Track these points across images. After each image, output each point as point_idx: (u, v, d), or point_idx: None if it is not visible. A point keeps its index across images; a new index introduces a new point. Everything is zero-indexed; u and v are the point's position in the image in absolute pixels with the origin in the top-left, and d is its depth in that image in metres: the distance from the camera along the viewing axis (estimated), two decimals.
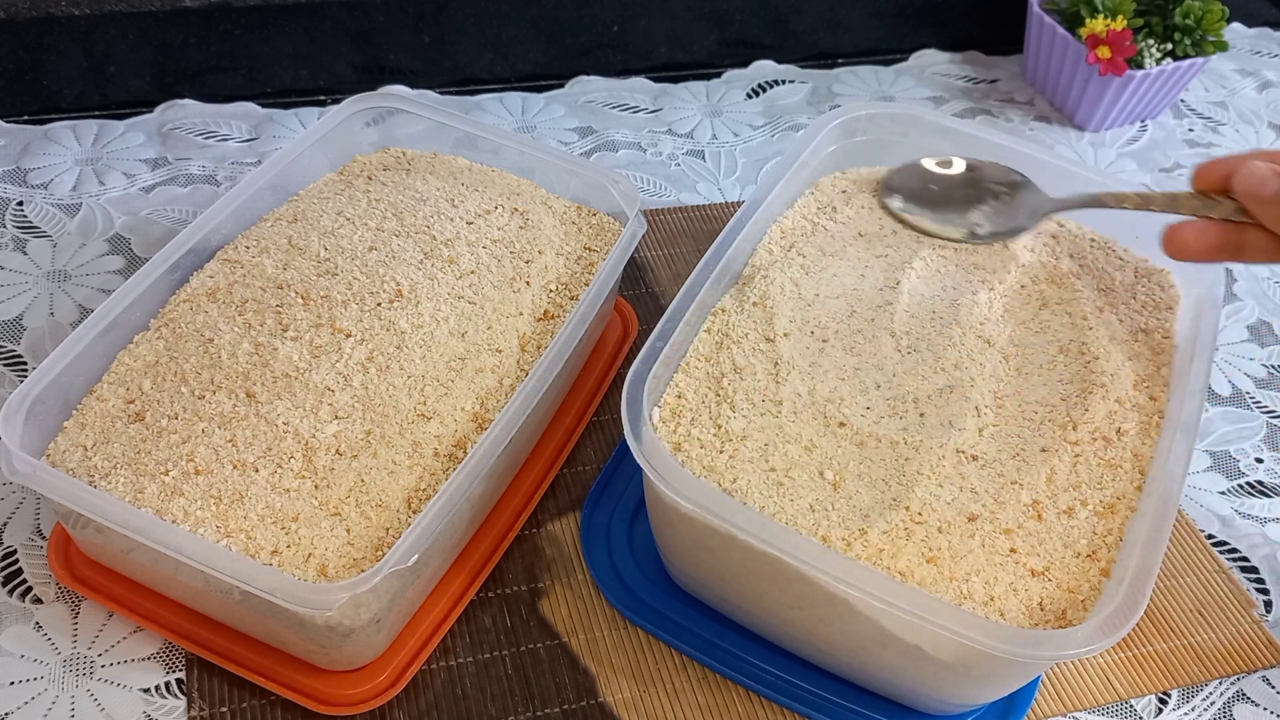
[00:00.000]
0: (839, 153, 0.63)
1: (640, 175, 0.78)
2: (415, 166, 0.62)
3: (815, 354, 0.52)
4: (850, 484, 0.46)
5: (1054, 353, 0.53)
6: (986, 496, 0.47)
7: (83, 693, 0.48)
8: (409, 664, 0.49)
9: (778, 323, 0.52)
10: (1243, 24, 1.03)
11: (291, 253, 0.55)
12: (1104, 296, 0.57)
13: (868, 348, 0.52)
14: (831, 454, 0.47)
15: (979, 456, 0.48)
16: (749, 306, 0.53)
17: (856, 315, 0.54)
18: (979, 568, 0.44)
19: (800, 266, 0.56)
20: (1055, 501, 0.47)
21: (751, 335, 0.52)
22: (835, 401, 0.49)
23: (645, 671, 0.51)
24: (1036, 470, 0.48)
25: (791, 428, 0.48)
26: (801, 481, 0.46)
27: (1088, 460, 0.49)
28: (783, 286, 0.54)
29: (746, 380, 0.50)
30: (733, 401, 0.49)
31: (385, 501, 0.46)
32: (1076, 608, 0.44)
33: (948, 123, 0.63)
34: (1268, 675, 0.54)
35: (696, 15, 0.87)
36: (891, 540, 0.44)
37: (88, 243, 0.68)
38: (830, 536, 0.44)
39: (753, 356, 0.51)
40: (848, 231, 0.59)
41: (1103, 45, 0.81)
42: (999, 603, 0.44)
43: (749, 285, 0.55)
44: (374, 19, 0.79)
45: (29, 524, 0.53)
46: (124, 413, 0.48)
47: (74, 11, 0.73)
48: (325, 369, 0.49)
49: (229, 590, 0.43)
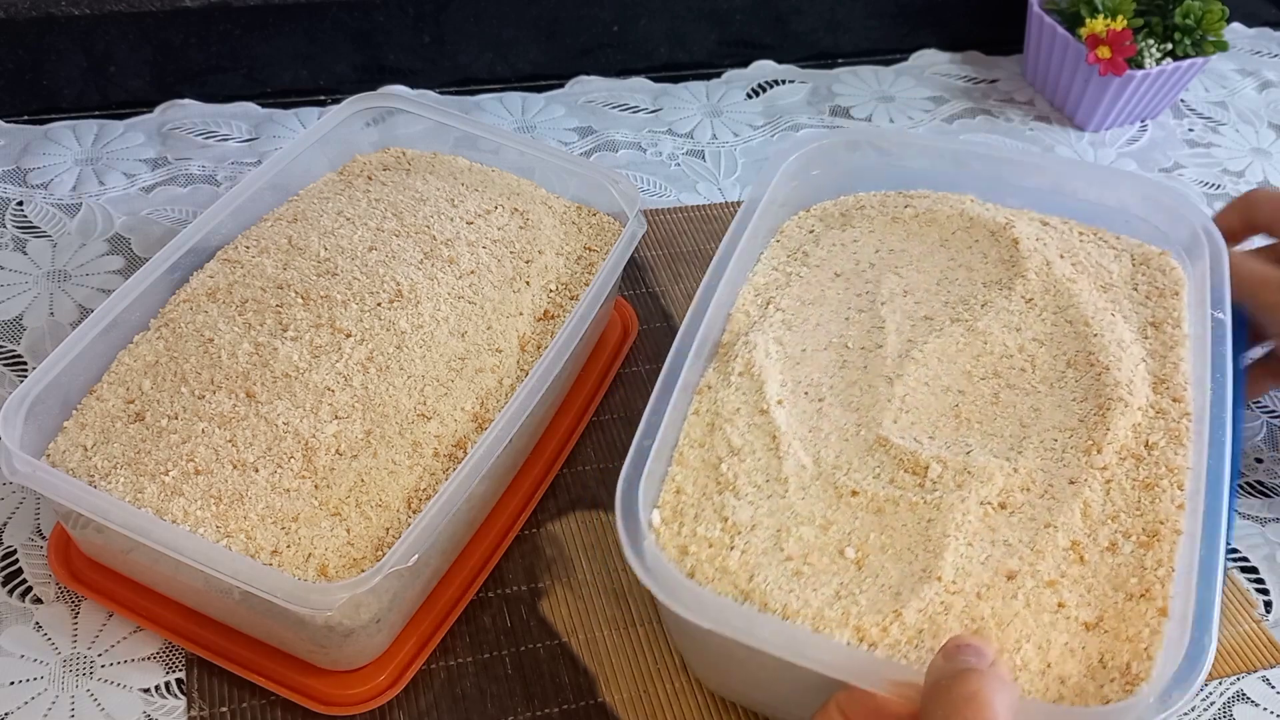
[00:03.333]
0: (799, 190, 0.59)
1: (640, 175, 0.78)
2: (415, 166, 0.62)
3: (814, 418, 0.48)
4: (874, 559, 0.43)
5: (1062, 368, 0.50)
6: (1022, 547, 0.43)
7: (83, 693, 0.48)
8: (409, 664, 0.49)
9: (768, 390, 0.48)
10: (1243, 24, 1.03)
11: (291, 253, 0.55)
12: (1105, 294, 0.54)
13: (865, 400, 0.49)
14: (849, 529, 0.44)
15: (1007, 504, 0.44)
16: (735, 378, 0.49)
17: (849, 366, 0.50)
18: (1029, 632, 0.41)
19: (782, 323, 0.52)
20: (1095, 539, 0.44)
21: (744, 410, 0.48)
22: (843, 468, 0.46)
23: (645, 671, 0.51)
24: (1069, 507, 0.44)
25: (802, 506, 0.44)
26: (822, 566, 0.43)
27: (1120, 485, 0.45)
28: (767, 349, 0.50)
29: (746, 460, 0.46)
30: (735, 487, 0.45)
31: (385, 501, 0.46)
32: (1140, 657, 0.40)
33: (906, 137, 0.60)
34: (1268, 675, 0.54)
35: (696, 15, 0.87)
36: (929, 618, 0.41)
37: (88, 243, 0.68)
38: (864, 625, 0.40)
39: (748, 433, 0.47)
40: (823, 274, 0.55)
41: (1103, 45, 0.81)
42: (1056, 668, 0.40)
43: (731, 354, 0.50)
44: (374, 19, 0.79)
45: (29, 524, 0.53)
46: (124, 413, 0.48)
47: (74, 11, 0.73)
48: (325, 369, 0.49)
49: (229, 590, 0.43)
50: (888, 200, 0.60)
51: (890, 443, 0.47)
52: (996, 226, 0.57)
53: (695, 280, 0.69)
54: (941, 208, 0.59)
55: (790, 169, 0.58)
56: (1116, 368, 0.49)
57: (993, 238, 0.57)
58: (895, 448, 0.46)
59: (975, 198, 0.60)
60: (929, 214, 0.58)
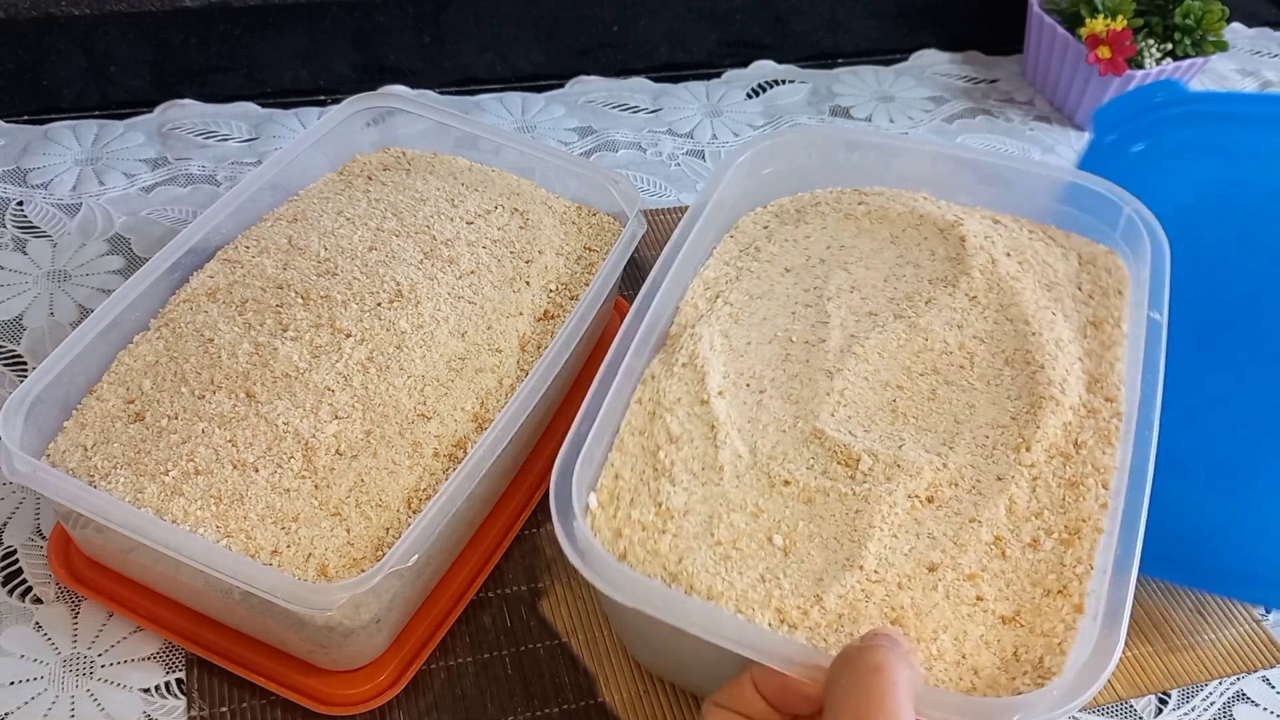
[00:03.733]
0: (754, 188, 0.59)
1: (640, 175, 0.78)
2: (415, 166, 0.62)
3: (753, 409, 0.48)
4: (802, 546, 0.44)
5: (1000, 366, 0.50)
6: (946, 540, 0.44)
7: (83, 693, 0.48)
8: (409, 664, 0.49)
9: (710, 381, 0.49)
10: (1243, 24, 1.03)
11: (291, 253, 0.55)
12: (1048, 293, 0.53)
13: (805, 393, 0.49)
14: (779, 516, 0.45)
15: (935, 498, 0.45)
16: (678, 369, 0.50)
17: (791, 359, 0.51)
18: (946, 623, 0.41)
19: (729, 316, 0.52)
20: (1018, 534, 0.44)
21: (685, 399, 0.48)
22: (778, 458, 0.46)
23: (645, 671, 0.51)
24: (995, 503, 0.45)
25: (735, 494, 0.45)
26: (750, 551, 0.44)
27: (1047, 482, 0.46)
28: (712, 342, 0.51)
29: (684, 449, 0.47)
30: (671, 474, 0.46)
31: (385, 501, 0.46)
32: (1054, 652, 0.41)
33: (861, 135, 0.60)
34: (1268, 675, 0.54)
35: (696, 15, 0.87)
36: (850, 605, 0.42)
37: (88, 243, 0.68)
38: (785, 608, 0.41)
39: (688, 422, 0.48)
40: (774, 269, 0.55)
41: (1103, 45, 0.81)
42: (971, 660, 0.41)
43: (677, 345, 0.51)
44: (374, 19, 0.79)
45: (29, 524, 0.53)
46: (124, 413, 0.48)
47: (74, 11, 0.73)
48: (325, 369, 0.49)
49: (229, 590, 0.43)
50: (843, 197, 0.60)
51: (826, 435, 0.47)
52: (945, 224, 0.57)
53: None
54: (894, 205, 0.58)
55: (744, 167, 0.58)
56: (1051, 366, 0.49)
57: (941, 235, 0.57)
58: (830, 440, 0.47)
59: (929, 194, 0.59)
60: (880, 211, 0.58)
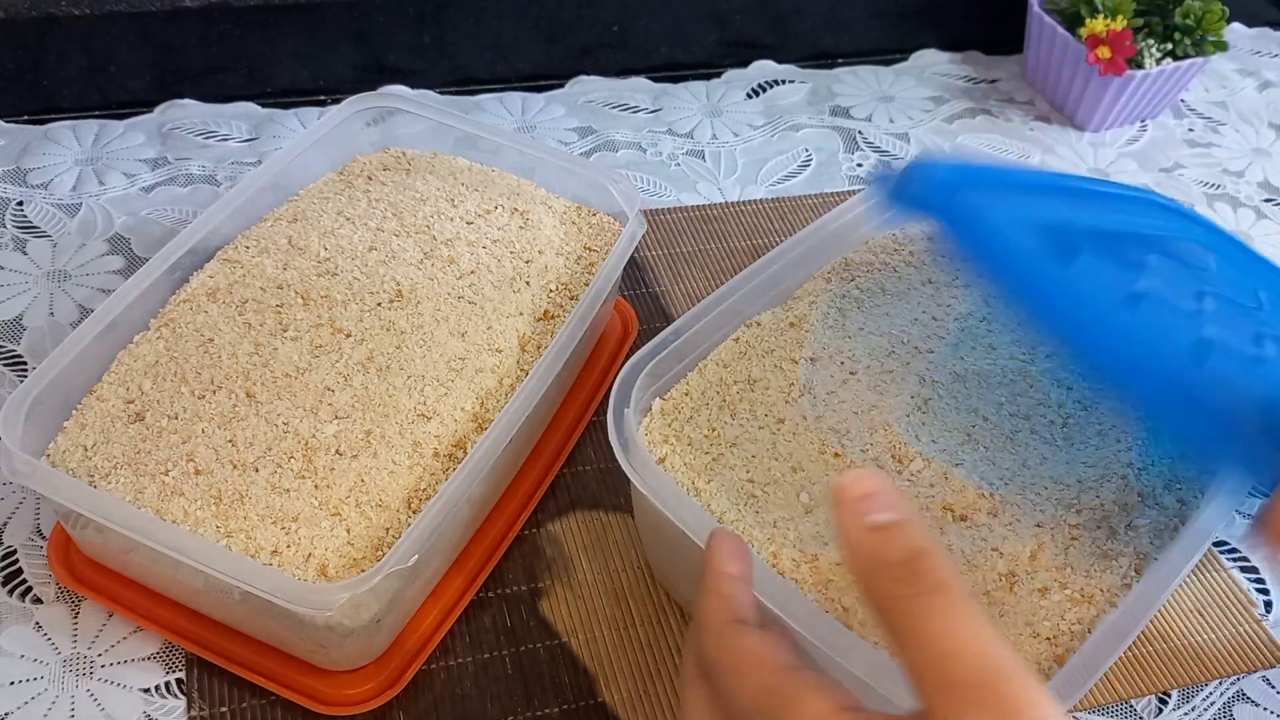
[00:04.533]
0: None
1: (640, 175, 0.78)
2: (415, 166, 0.62)
3: (837, 385, 0.50)
4: (823, 511, 0.45)
5: (1091, 436, 0.50)
6: (960, 556, 0.45)
7: (83, 693, 0.48)
8: (409, 664, 0.49)
9: (807, 347, 0.51)
10: (1243, 24, 1.03)
11: (291, 253, 0.55)
12: None
13: (892, 388, 0.50)
14: (815, 479, 0.46)
15: (968, 518, 0.46)
16: (785, 326, 0.52)
17: (894, 356, 0.52)
18: None
19: (854, 299, 0.54)
20: (1032, 578, 0.45)
21: (778, 353, 0.51)
22: (839, 433, 0.48)
23: (645, 671, 0.51)
24: (1023, 544, 0.45)
25: (784, 446, 0.47)
26: (775, 498, 0.45)
27: (1083, 547, 0.46)
28: (826, 313, 0.53)
29: (756, 393, 0.49)
30: (734, 409, 0.48)
31: (385, 501, 0.46)
32: None
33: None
34: (1268, 675, 0.54)
35: (696, 15, 0.87)
36: (842, 574, 0.43)
37: (88, 243, 0.68)
38: (781, 555, 0.43)
39: (770, 372, 0.50)
40: (918, 276, 0.56)
41: (1103, 45, 0.81)
42: None
43: (792, 305, 0.53)
44: (374, 19, 0.79)
45: (29, 524, 0.53)
46: (124, 413, 0.48)
47: (74, 11, 0.73)
48: (325, 369, 0.49)
49: (229, 590, 0.43)
50: None
51: (893, 430, 0.48)
52: None
53: (695, 280, 0.70)
54: None
55: None
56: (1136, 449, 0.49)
57: None
58: (894, 435, 0.48)
59: None
60: None
